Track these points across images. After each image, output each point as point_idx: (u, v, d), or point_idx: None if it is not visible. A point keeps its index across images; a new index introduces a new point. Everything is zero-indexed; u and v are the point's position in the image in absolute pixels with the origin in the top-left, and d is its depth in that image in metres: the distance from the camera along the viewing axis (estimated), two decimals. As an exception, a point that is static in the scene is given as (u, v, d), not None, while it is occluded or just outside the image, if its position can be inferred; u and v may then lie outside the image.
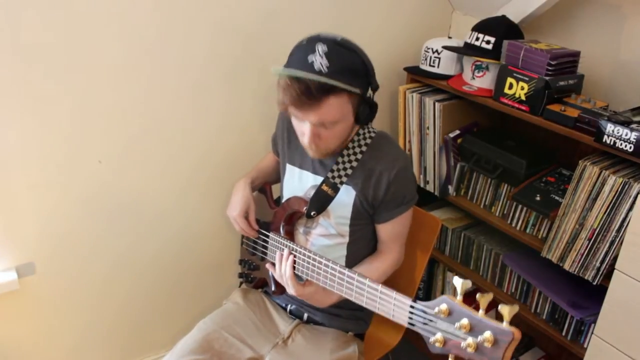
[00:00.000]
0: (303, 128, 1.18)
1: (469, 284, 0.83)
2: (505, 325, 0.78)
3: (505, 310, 0.77)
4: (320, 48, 1.11)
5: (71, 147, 1.47)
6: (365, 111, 1.21)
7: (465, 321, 0.81)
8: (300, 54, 1.14)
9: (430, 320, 0.88)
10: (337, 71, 1.10)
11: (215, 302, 1.56)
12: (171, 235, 1.75)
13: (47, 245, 1.53)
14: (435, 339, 0.85)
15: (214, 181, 1.74)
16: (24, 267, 1.51)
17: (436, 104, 1.77)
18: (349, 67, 1.13)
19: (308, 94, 1.09)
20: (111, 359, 1.82)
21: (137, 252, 1.71)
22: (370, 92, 1.22)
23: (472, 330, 0.81)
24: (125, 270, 1.71)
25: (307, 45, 1.13)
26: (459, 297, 0.84)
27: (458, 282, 0.83)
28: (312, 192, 1.30)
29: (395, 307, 0.97)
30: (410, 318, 0.93)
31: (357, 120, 1.22)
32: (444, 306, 0.85)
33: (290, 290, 1.20)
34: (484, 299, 0.80)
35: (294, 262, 1.20)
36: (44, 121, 1.40)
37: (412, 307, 0.93)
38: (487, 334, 0.78)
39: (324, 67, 1.10)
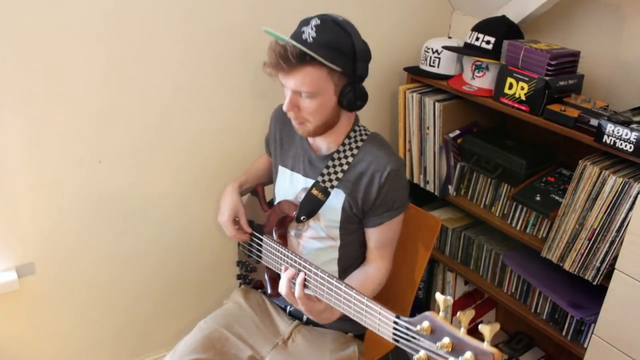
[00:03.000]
0: (285, 94, 1.20)
1: (450, 300, 0.83)
2: (486, 345, 0.78)
3: (486, 330, 0.77)
4: (314, 21, 1.15)
5: (71, 147, 1.47)
6: (349, 94, 1.19)
7: (446, 340, 0.81)
8: (299, 26, 1.18)
9: (414, 338, 0.88)
10: (321, 44, 1.12)
11: (215, 302, 1.56)
12: (171, 236, 1.75)
13: (47, 245, 1.53)
14: (419, 357, 0.85)
15: (215, 182, 1.73)
16: (24, 267, 1.51)
17: (436, 104, 1.77)
18: (334, 43, 1.14)
19: (285, 58, 1.12)
20: (111, 359, 1.82)
21: (137, 253, 1.71)
22: (359, 76, 1.20)
23: (454, 349, 0.80)
24: (125, 271, 1.71)
25: (307, 19, 1.18)
26: (442, 314, 0.84)
27: (440, 298, 0.83)
28: (303, 195, 1.30)
29: (381, 321, 0.97)
30: (395, 334, 0.93)
31: (340, 103, 1.20)
32: (426, 323, 0.84)
33: (300, 307, 1.13)
34: (465, 317, 0.80)
35: (305, 279, 1.14)
36: (45, 121, 1.40)
37: (395, 322, 0.93)
38: (468, 355, 0.78)
39: (310, 37, 1.13)
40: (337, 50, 1.14)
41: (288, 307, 1.43)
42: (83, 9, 1.35)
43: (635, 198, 1.29)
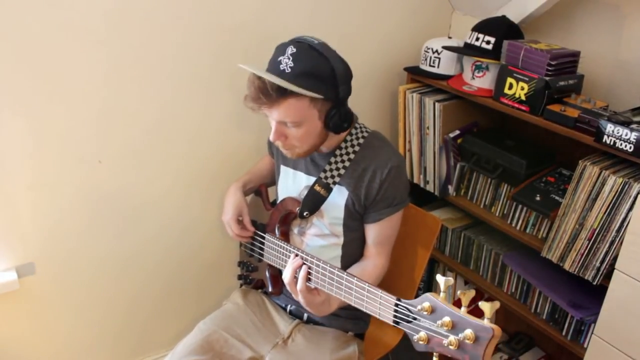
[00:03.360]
0: (271, 124, 1.21)
1: (450, 281, 0.84)
2: (485, 322, 0.78)
3: (486, 306, 0.77)
4: (290, 49, 1.13)
5: (71, 147, 1.47)
6: (335, 118, 1.19)
7: (447, 319, 0.82)
8: (275, 53, 1.17)
9: (415, 319, 0.89)
10: (300, 74, 1.11)
11: (215, 302, 1.56)
12: (172, 236, 1.75)
13: (47, 245, 1.53)
14: (419, 337, 0.87)
15: (215, 182, 1.73)
16: (24, 267, 1.51)
17: (436, 104, 1.77)
18: (312, 71, 1.13)
19: (265, 92, 1.11)
20: (111, 359, 1.82)
21: (137, 253, 1.71)
22: (342, 99, 1.20)
23: (454, 327, 0.82)
24: (125, 271, 1.71)
25: (283, 46, 1.16)
26: (442, 295, 0.85)
27: (441, 279, 0.84)
28: (305, 193, 1.31)
29: (381, 305, 0.98)
30: (395, 316, 0.94)
31: (326, 127, 1.21)
32: (426, 304, 0.85)
33: (300, 298, 1.15)
34: (465, 296, 0.81)
35: (309, 272, 1.14)
36: (45, 121, 1.40)
37: (396, 305, 0.93)
38: (468, 332, 0.79)
39: (287, 68, 1.12)
40: (317, 77, 1.13)
41: (288, 307, 1.43)
42: (83, 9, 1.35)
43: (635, 198, 1.29)
